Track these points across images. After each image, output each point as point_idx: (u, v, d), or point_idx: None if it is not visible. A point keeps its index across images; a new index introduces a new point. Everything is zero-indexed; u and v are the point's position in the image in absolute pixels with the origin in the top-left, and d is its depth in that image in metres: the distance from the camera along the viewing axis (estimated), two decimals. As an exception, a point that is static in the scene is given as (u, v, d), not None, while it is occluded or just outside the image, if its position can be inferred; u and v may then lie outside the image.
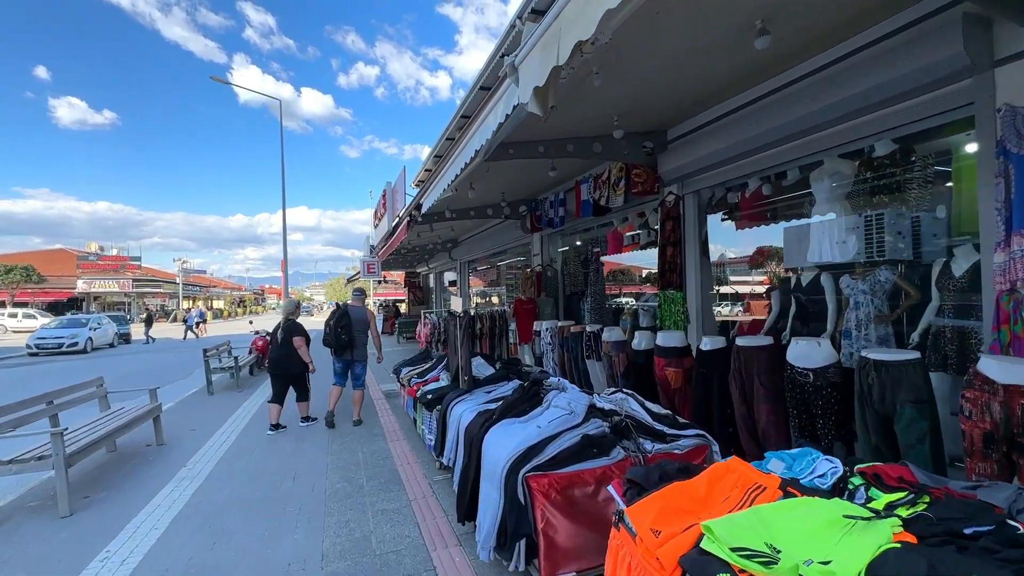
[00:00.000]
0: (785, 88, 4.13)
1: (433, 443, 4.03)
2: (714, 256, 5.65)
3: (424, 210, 6.22)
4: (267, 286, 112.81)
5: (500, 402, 3.45)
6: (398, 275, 36.94)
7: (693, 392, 3.80)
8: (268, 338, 11.08)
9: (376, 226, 12.20)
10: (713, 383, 3.58)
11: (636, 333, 4.45)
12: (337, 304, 6.83)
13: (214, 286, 62.71)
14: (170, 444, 5.46)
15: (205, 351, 8.45)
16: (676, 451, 2.49)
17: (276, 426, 5.88)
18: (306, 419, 6.25)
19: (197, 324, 25.02)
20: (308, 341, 6.28)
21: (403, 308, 21.74)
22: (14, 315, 30.55)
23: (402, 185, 8.58)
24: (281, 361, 6.03)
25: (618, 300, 8.93)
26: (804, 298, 4.47)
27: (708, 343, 3.68)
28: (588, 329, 5.31)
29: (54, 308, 37.59)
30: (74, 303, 40.54)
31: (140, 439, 5.60)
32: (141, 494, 3.99)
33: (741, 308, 7.84)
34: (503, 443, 2.51)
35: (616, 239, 7.21)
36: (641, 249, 6.71)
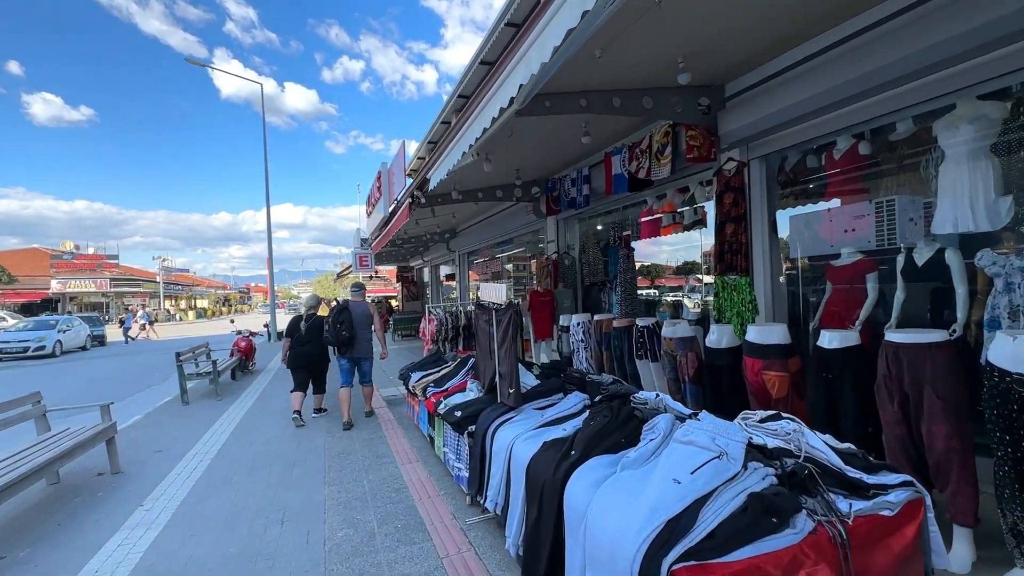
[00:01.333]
0: (903, 14, 3.24)
1: (465, 477, 3.09)
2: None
3: (433, 185, 5.27)
4: (253, 284, 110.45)
5: (563, 424, 2.52)
6: (388, 271, 35.77)
7: (809, 405, 2.91)
8: (251, 338, 10.05)
9: (369, 214, 11.16)
10: (844, 393, 2.68)
11: (713, 327, 3.55)
12: (336, 300, 6.62)
13: (197, 285, 60.85)
14: (128, 472, 4.45)
15: (178, 355, 7.40)
16: (885, 512, 1.59)
17: (299, 414, 5.91)
18: (319, 410, 6.34)
19: (143, 327, 23.67)
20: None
21: (395, 304, 20.66)
22: (-17, 317, 28.87)
23: (400, 164, 7.59)
24: (305, 355, 6.08)
25: (650, 290, 8.03)
26: (915, 282, 3.61)
27: (833, 339, 2.79)
28: (639, 323, 4.39)
29: (27, 310, 35.89)
30: (48, 304, 38.76)
31: (92, 464, 4.59)
32: (76, 553, 3.00)
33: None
34: (616, 507, 1.58)
35: (651, 221, 6.31)
36: (685, 230, 5.81)
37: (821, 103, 3.78)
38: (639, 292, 6.92)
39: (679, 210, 5.99)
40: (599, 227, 8.23)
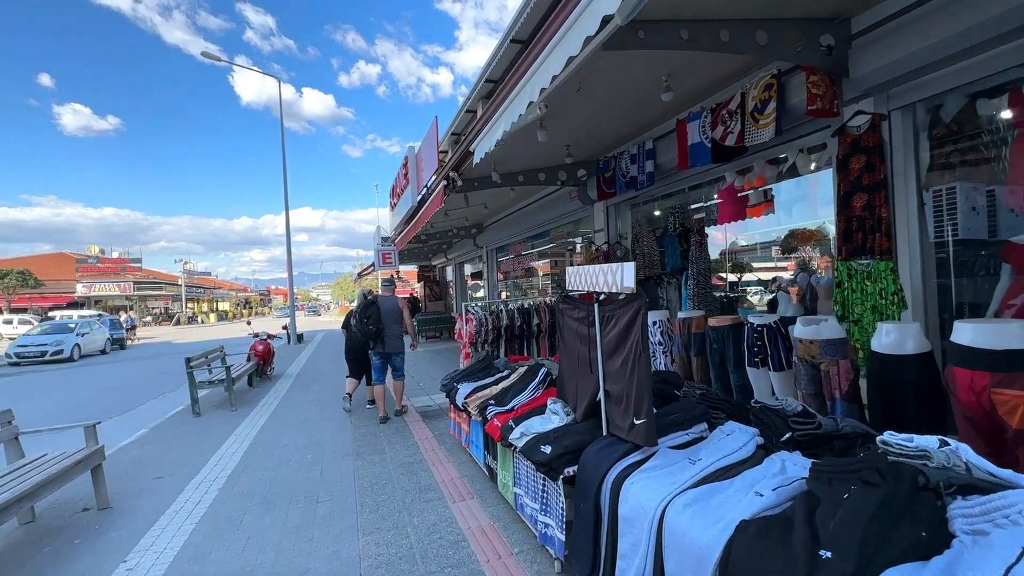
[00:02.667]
0: None
1: (559, 540, 2.17)
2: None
3: (479, 157, 4.42)
4: (273, 287, 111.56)
5: (736, 477, 1.58)
6: (407, 272, 35.12)
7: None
8: (269, 341, 9.32)
9: (393, 206, 10.35)
10: None
11: (889, 326, 2.56)
12: (364, 295, 6.37)
13: (219, 287, 61.32)
14: (119, 507, 3.64)
15: (189, 361, 6.65)
16: None
17: (350, 396, 6.33)
18: (372, 402, 6.38)
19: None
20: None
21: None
22: (9, 321, 29.07)
23: (432, 144, 6.73)
24: (354, 348, 6.34)
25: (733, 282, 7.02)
26: None
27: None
28: (755, 320, 3.41)
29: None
30: (74, 307, 39.14)
31: (78, 495, 3.80)
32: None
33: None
34: None
35: (733, 200, 5.31)
36: (780, 209, 4.80)
37: (1005, 26, 2.78)
38: (710, 284, 5.91)
39: (769, 185, 5.00)
40: (656, 212, 7.25)
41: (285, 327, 17.04)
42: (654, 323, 4.54)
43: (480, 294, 13.36)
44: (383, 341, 5.69)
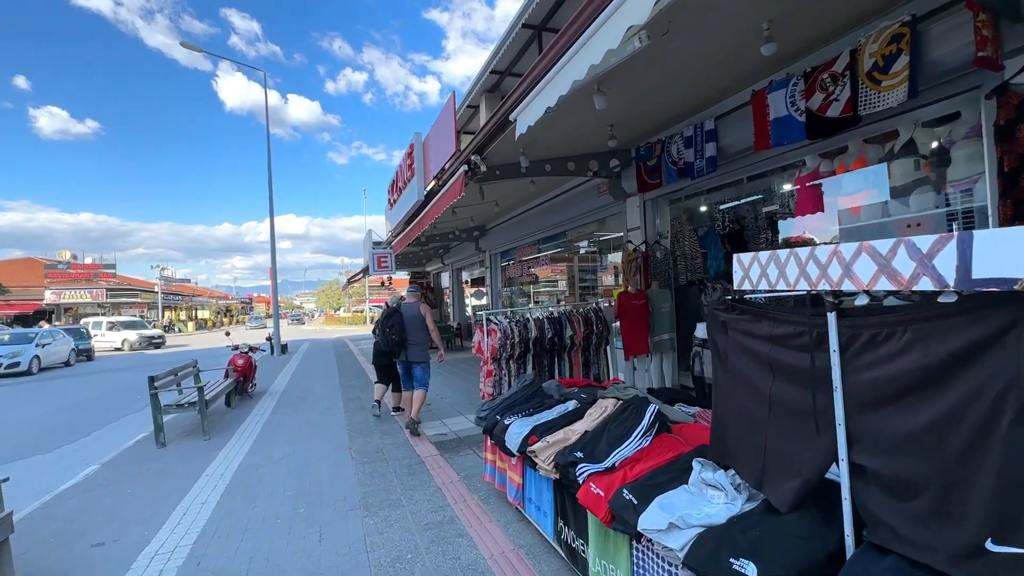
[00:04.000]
0: None
1: None
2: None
3: (524, 128, 3.49)
4: (255, 294, 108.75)
5: None
6: (396, 281, 33.89)
7: None
8: (250, 354, 8.21)
9: (392, 204, 9.34)
10: None
11: None
12: (386, 303, 6.47)
13: (198, 295, 59.15)
14: (32, 600, 2.57)
15: (153, 380, 5.53)
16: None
17: (379, 403, 6.25)
18: (397, 408, 6.31)
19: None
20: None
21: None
22: (-33, 330, 27.10)
23: (448, 125, 5.76)
24: (380, 353, 6.02)
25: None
26: None
27: None
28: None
29: (21, 321, 34.11)
30: (42, 315, 37.03)
31: (-19, 579, 2.71)
32: None
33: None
34: None
35: (814, 189, 4.46)
36: (898, 197, 3.92)
37: None
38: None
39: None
40: (702, 208, 6.38)
41: (269, 337, 15.81)
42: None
43: (483, 301, 12.37)
44: (406, 350, 5.48)
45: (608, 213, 7.11)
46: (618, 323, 5.79)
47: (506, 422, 3.00)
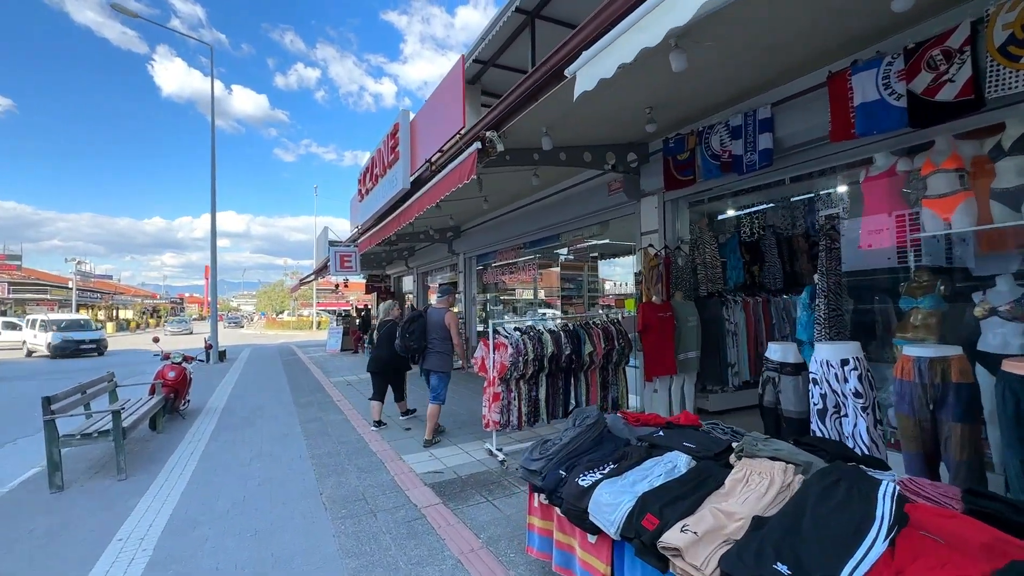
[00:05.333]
0: None
1: None
2: None
3: (589, 86, 2.66)
4: (187, 294, 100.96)
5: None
6: (353, 284, 31.89)
7: None
8: (184, 365, 6.84)
9: (364, 195, 8.21)
10: None
11: None
12: (413, 306, 7.03)
13: (121, 293, 53.76)
14: None
15: (49, 402, 4.17)
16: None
17: (379, 423, 5.84)
18: (406, 413, 6.20)
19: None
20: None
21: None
22: None
23: (454, 91, 4.81)
24: (387, 362, 5.86)
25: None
26: None
27: None
28: None
29: None
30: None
31: None
32: None
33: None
34: None
35: (893, 190, 3.89)
36: (1001, 199, 3.38)
37: None
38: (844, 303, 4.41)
39: (936, 170, 3.60)
40: (729, 211, 5.79)
41: (208, 345, 13.93)
42: (843, 362, 2.92)
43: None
44: (424, 357, 5.20)
45: (618, 214, 6.38)
46: (640, 338, 5.04)
47: (581, 482, 2.11)
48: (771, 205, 5.70)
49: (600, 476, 2.12)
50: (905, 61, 3.23)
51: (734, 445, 1.99)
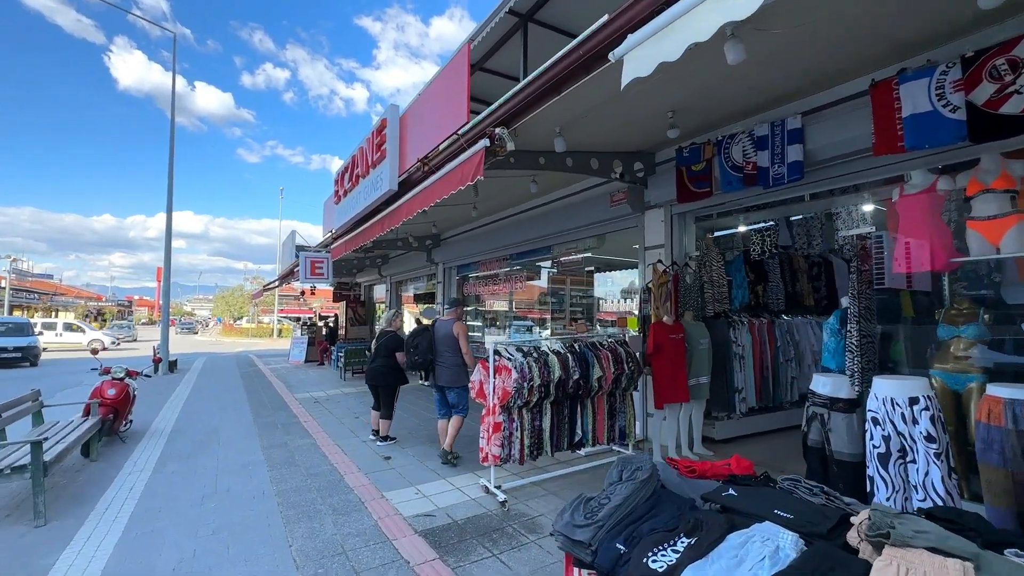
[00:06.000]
0: None
1: None
2: None
3: (641, 72, 2.24)
4: (137, 297, 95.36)
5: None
6: (321, 291, 30.53)
7: None
8: (128, 380, 6.03)
9: (343, 197, 7.57)
10: None
11: None
12: (417, 319, 6.68)
13: (62, 294, 50.05)
14: None
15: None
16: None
17: (377, 433, 5.72)
18: (384, 438, 5.68)
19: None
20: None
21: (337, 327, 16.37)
22: None
23: (455, 87, 4.33)
24: (375, 372, 5.67)
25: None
26: None
27: None
28: None
29: None
30: None
31: None
32: None
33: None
34: None
35: (930, 210, 3.64)
36: None
37: None
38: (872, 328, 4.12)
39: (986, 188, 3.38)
40: (740, 227, 5.51)
41: (158, 357, 12.72)
42: (911, 402, 2.57)
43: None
44: (434, 373, 4.96)
45: (619, 227, 6.02)
46: (650, 361, 4.64)
47: (653, 564, 1.64)
48: (777, 221, 5.46)
49: (675, 556, 1.65)
50: (963, 71, 2.98)
51: (853, 519, 1.56)
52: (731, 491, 2.00)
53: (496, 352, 4.00)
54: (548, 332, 7.84)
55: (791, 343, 5.93)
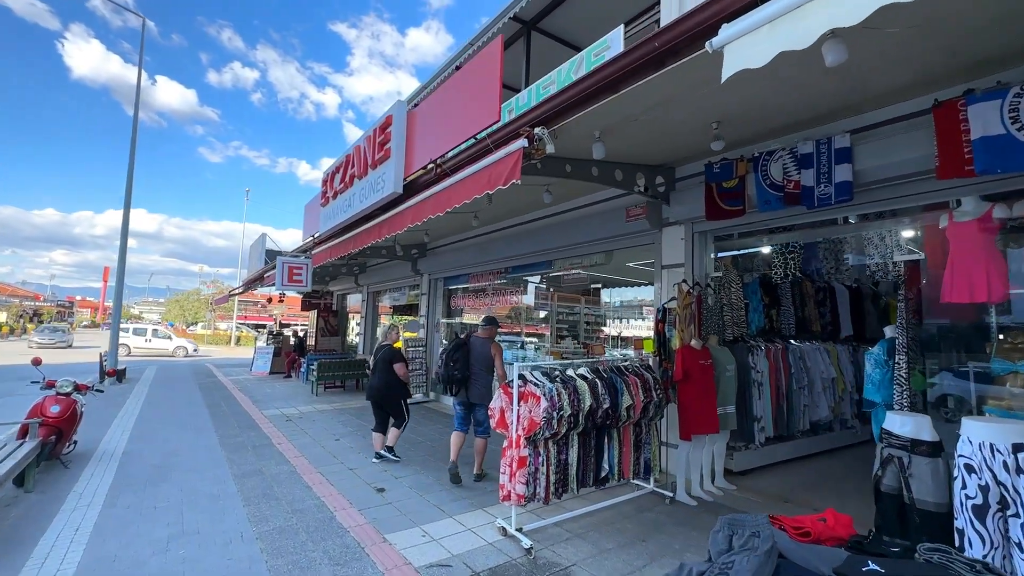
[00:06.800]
0: None
1: None
2: None
3: (754, 62, 1.92)
4: (79, 297, 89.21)
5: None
6: (258, 296, 29.10)
7: None
8: (75, 395, 5.27)
9: (331, 199, 7.01)
10: None
11: None
12: (456, 334, 6.39)
13: (-7, 291, 46.10)
14: None
15: None
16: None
17: (380, 455, 5.49)
18: (390, 448, 5.48)
19: None
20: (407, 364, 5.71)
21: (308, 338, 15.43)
22: None
23: (487, 79, 3.92)
24: (378, 389, 5.58)
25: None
26: None
27: None
28: None
29: None
30: None
31: None
32: None
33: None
34: None
35: (973, 236, 3.50)
36: None
37: None
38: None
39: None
40: (765, 248, 5.31)
41: (111, 370, 11.53)
42: (1016, 449, 2.31)
43: (419, 334, 10.14)
44: (467, 388, 4.91)
45: (632, 243, 5.74)
46: (675, 388, 4.32)
47: None
48: (802, 243, 5.31)
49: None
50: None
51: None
52: (872, 566, 1.65)
53: (521, 377, 3.58)
54: (544, 351, 7.44)
55: (804, 369, 5.75)
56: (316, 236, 8.17)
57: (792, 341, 6.01)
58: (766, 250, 5.39)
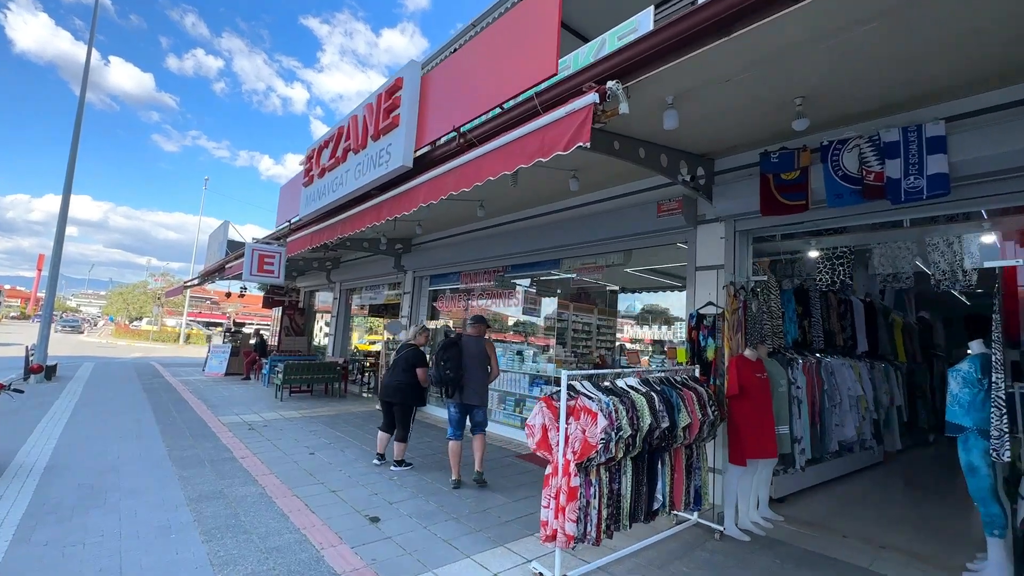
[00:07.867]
0: None
1: None
2: None
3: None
4: (9, 287, 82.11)
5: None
6: (211, 292, 27.10)
7: None
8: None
9: (316, 177, 6.15)
10: None
11: None
12: (446, 333, 5.90)
13: (-94, 276, 41.44)
14: None
15: None
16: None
17: (383, 457, 5.28)
18: (399, 463, 5.14)
19: None
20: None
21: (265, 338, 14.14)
22: None
23: (544, 25, 3.24)
24: (392, 388, 5.15)
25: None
26: None
27: None
28: None
29: None
30: None
31: None
32: None
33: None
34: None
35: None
36: None
37: None
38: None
39: None
40: (814, 252, 4.85)
41: (36, 366, 10.03)
42: None
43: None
44: (462, 390, 4.64)
45: (662, 241, 5.20)
46: (729, 404, 3.76)
47: None
48: (853, 249, 4.89)
49: None
50: None
51: None
52: None
53: (571, 388, 2.91)
54: (551, 358, 6.80)
55: (836, 386, 5.35)
56: (293, 221, 7.26)
57: (819, 355, 5.62)
58: (813, 254, 4.97)
